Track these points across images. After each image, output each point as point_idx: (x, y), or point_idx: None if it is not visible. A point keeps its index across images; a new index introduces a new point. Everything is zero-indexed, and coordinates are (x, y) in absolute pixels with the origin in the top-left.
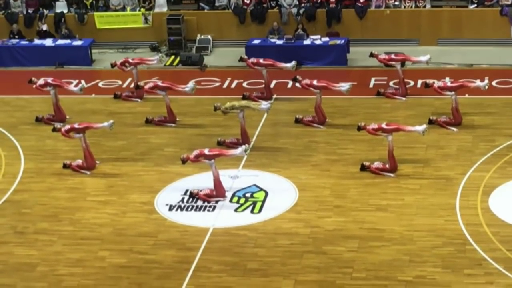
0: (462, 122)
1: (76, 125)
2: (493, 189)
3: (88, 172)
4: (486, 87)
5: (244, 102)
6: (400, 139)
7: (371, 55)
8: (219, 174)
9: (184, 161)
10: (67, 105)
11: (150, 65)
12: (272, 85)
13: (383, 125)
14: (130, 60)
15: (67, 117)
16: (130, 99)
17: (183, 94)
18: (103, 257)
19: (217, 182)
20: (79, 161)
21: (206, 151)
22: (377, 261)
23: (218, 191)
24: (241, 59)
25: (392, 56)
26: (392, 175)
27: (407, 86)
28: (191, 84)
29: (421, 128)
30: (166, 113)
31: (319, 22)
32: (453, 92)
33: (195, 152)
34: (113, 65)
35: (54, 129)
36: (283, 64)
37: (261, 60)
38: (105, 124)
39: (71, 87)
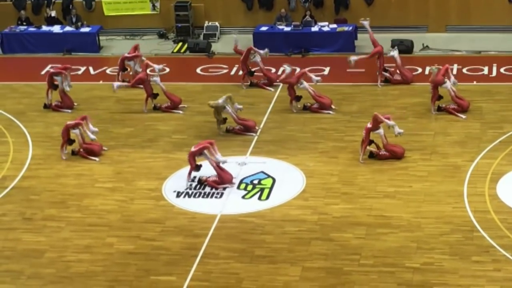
0: (470, 109)
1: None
2: (501, 176)
3: (97, 159)
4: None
5: (223, 100)
6: (408, 126)
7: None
8: (218, 161)
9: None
10: (75, 91)
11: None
12: (280, 72)
13: (368, 125)
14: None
15: (75, 104)
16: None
17: (191, 81)
18: (111, 243)
19: (218, 170)
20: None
21: (193, 149)
22: (385, 248)
23: (223, 178)
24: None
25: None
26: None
27: (415, 73)
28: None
29: (393, 125)
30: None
31: (327, 8)
32: (448, 83)
33: (189, 159)
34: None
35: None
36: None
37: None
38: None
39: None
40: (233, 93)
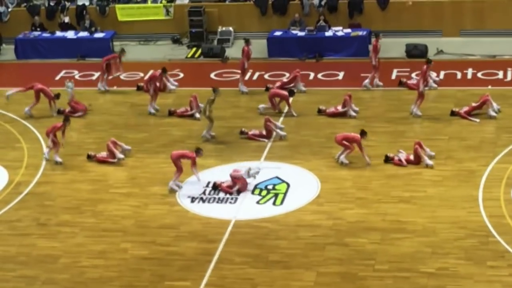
0: (485, 113)
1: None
2: None
3: (115, 160)
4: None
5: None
6: (423, 131)
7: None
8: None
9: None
10: (89, 97)
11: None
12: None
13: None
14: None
15: (87, 105)
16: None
17: (205, 86)
18: (125, 249)
19: (237, 181)
20: (104, 154)
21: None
22: (400, 253)
23: (242, 186)
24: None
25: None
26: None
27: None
28: None
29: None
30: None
31: (341, 13)
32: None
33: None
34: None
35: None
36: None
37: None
38: None
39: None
40: (247, 97)
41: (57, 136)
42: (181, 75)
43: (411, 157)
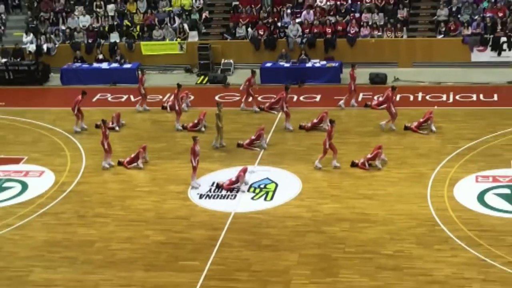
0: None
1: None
2: (456, 181)
3: (135, 164)
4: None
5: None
6: (384, 142)
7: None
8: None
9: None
10: (123, 114)
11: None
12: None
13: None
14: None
15: (123, 121)
16: (172, 110)
17: (211, 106)
18: (147, 235)
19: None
20: (128, 158)
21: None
22: (365, 239)
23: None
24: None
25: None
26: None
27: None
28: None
29: None
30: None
31: (318, 49)
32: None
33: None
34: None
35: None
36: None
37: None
38: None
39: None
40: (245, 115)
41: (109, 144)
42: (192, 97)
43: (369, 155)
